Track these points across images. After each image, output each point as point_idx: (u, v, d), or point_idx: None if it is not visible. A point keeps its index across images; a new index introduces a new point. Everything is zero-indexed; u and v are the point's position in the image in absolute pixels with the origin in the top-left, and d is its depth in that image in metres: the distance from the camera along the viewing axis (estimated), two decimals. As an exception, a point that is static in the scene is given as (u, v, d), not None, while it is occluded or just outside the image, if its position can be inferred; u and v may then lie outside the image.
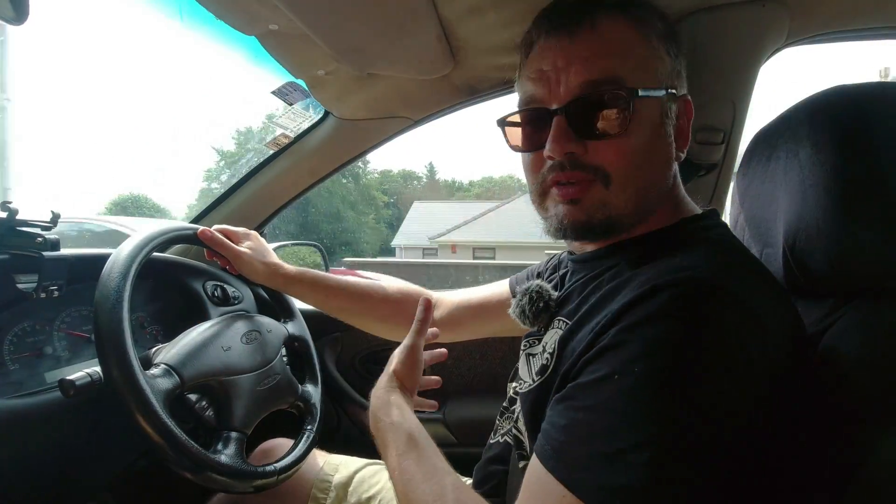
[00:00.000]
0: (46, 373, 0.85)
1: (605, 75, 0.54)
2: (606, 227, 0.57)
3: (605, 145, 0.55)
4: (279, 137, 1.27)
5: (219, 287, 1.15)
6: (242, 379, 0.82)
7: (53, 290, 0.85)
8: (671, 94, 0.58)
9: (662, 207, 0.60)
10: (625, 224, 0.58)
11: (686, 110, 0.60)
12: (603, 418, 0.44)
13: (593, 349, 0.48)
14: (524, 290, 0.66)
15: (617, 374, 0.44)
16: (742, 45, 0.81)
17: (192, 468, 0.68)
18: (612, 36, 0.55)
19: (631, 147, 0.55)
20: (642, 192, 0.56)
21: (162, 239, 0.84)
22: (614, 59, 0.55)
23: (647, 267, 0.52)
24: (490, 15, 0.79)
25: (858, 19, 0.83)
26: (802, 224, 0.53)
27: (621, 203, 0.56)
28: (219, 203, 1.36)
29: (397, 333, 1.02)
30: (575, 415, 0.46)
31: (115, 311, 0.69)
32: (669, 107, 0.58)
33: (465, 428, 1.35)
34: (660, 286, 0.46)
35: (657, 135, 0.57)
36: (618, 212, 0.56)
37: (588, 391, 0.46)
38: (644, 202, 0.57)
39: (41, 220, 0.84)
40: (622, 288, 0.52)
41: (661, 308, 0.45)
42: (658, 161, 0.58)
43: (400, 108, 1.16)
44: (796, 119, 0.56)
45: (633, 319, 0.46)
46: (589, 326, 0.52)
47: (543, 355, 0.59)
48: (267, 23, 0.78)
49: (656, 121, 0.56)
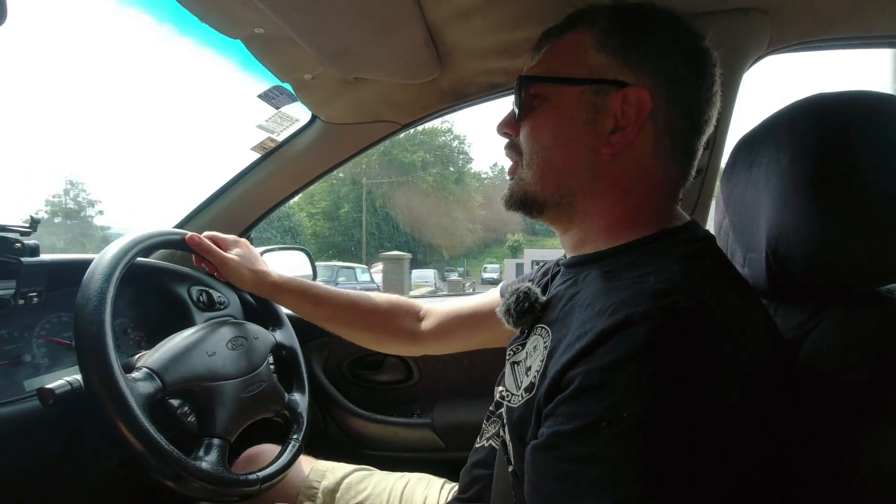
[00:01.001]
0: (25, 381, 0.83)
1: (532, 73, 0.64)
2: (525, 202, 0.65)
3: (523, 128, 0.64)
4: (265, 141, 1.26)
5: (204, 292, 1.14)
6: (227, 385, 0.81)
7: (32, 296, 0.83)
8: (602, 85, 0.58)
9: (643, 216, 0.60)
10: (546, 202, 0.63)
11: (637, 102, 0.57)
12: (598, 469, 0.42)
13: (570, 388, 0.46)
14: (513, 290, 0.67)
15: (605, 421, 0.42)
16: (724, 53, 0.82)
17: (172, 475, 0.66)
18: (557, 47, 0.64)
19: (534, 128, 0.63)
20: (549, 172, 0.62)
21: (148, 243, 0.82)
22: (546, 63, 0.64)
23: (622, 283, 0.52)
24: (477, 19, 0.79)
25: (837, 28, 0.85)
26: (783, 229, 0.54)
27: (529, 178, 0.63)
28: (204, 208, 1.34)
29: (384, 345, 1.02)
30: (566, 467, 0.44)
31: (97, 313, 0.67)
32: (594, 97, 0.59)
33: (453, 432, 1.35)
34: (635, 318, 0.44)
35: (567, 121, 0.60)
36: (531, 188, 0.63)
37: (576, 440, 0.44)
38: (556, 184, 0.62)
39: (20, 225, 0.83)
40: (595, 303, 0.51)
41: (641, 344, 0.43)
42: (568, 145, 0.61)
43: (387, 112, 1.16)
44: (777, 126, 0.57)
45: (612, 357, 0.44)
46: (563, 345, 0.52)
47: (530, 372, 0.58)
48: (252, 26, 0.78)
49: (569, 109, 0.60)
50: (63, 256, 0.93)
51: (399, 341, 1.00)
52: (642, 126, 0.57)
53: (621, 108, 0.57)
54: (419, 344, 1.00)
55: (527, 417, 0.53)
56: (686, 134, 0.60)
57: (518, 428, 0.56)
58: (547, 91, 0.62)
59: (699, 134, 0.61)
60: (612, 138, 0.58)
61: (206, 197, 1.35)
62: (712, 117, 0.61)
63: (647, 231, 0.58)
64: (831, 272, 0.52)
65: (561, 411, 0.46)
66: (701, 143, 0.62)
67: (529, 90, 0.63)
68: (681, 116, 0.59)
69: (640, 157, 0.59)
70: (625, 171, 0.59)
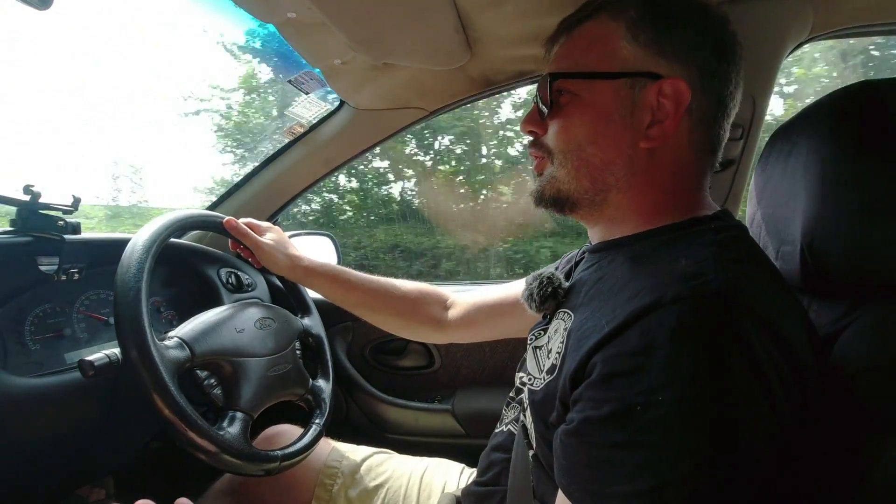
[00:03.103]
0: (66, 353, 0.87)
1: (555, 70, 0.62)
2: (557, 200, 0.63)
3: (552, 126, 0.62)
4: (294, 126, 1.27)
5: (233, 274, 1.17)
6: (252, 362, 0.83)
7: (74, 272, 0.87)
8: (637, 78, 0.56)
9: (672, 201, 0.59)
10: (575, 199, 0.62)
11: (674, 94, 0.56)
12: (634, 455, 0.42)
13: (598, 371, 0.46)
14: (536, 276, 0.68)
15: (639, 406, 0.42)
16: (764, 40, 0.80)
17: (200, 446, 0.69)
18: (581, 38, 0.61)
19: (568, 126, 0.60)
20: (584, 169, 0.60)
21: (187, 222, 0.85)
22: (572, 57, 0.62)
23: (651, 268, 0.51)
24: (507, 6, 0.79)
25: (884, 14, 0.82)
26: (821, 222, 0.52)
27: (563, 177, 0.61)
28: (234, 191, 1.38)
29: (412, 331, 1.04)
30: (599, 453, 0.44)
31: (136, 281, 0.70)
32: (631, 91, 0.57)
33: (473, 419, 1.36)
34: (666, 300, 0.44)
35: (604, 117, 0.58)
36: (563, 186, 0.62)
37: (610, 426, 0.44)
38: (591, 181, 0.60)
39: (63, 203, 0.86)
40: (624, 288, 0.51)
41: (672, 329, 0.43)
42: (604, 142, 0.59)
43: (415, 98, 1.16)
44: (818, 115, 0.55)
45: (642, 340, 0.44)
46: (589, 327, 0.51)
47: (551, 355, 0.59)
48: (286, 11, 0.78)
49: (605, 104, 0.58)
50: (103, 235, 0.96)
51: (426, 328, 1.02)
52: (680, 118, 0.56)
53: (657, 100, 0.56)
54: (445, 332, 1.01)
55: (550, 399, 0.54)
56: (718, 122, 0.59)
57: (541, 410, 0.56)
58: (578, 87, 0.59)
59: (728, 120, 0.60)
60: (651, 132, 0.57)
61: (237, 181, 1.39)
62: (738, 102, 0.61)
63: (677, 218, 0.58)
64: (870, 269, 0.50)
65: (591, 395, 0.46)
66: (728, 128, 0.61)
67: (558, 87, 0.61)
68: (714, 106, 0.58)
69: (676, 150, 0.58)
70: (662, 164, 0.58)
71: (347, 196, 4.12)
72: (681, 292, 0.44)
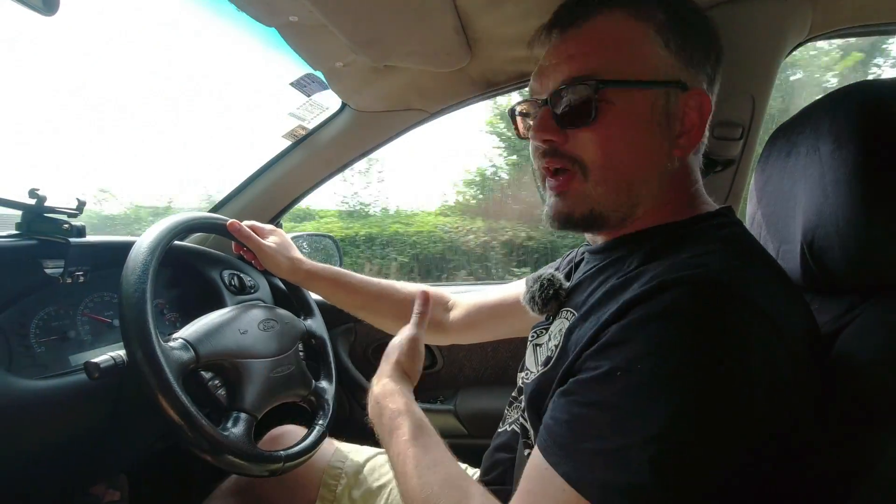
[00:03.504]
0: (71, 356, 0.88)
1: (582, 72, 0.56)
2: (589, 220, 0.59)
3: (582, 136, 0.57)
4: (296, 129, 1.28)
5: (236, 276, 1.17)
6: (256, 363, 0.83)
7: (79, 275, 0.88)
8: (668, 88, 0.56)
9: (674, 202, 0.59)
10: (609, 217, 0.59)
11: (699, 104, 0.57)
12: (606, 415, 0.44)
13: (595, 344, 0.47)
14: (536, 278, 0.68)
15: (620, 371, 0.43)
16: (763, 39, 0.80)
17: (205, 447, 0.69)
18: (600, 34, 0.57)
19: (607, 138, 0.56)
20: (624, 185, 0.57)
21: (190, 224, 0.86)
22: (596, 56, 0.56)
23: (656, 263, 0.52)
24: (507, 7, 0.79)
25: (884, 14, 0.82)
26: (822, 221, 0.52)
27: (601, 195, 0.57)
28: (236, 194, 1.38)
29: None
30: (578, 410, 0.46)
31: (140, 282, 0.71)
32: (665, 100, 0.56)
33: (475, 419, 1.36)
34: (667, 283, 0.45)
35: (641, 128, 0.56)
36: (599, 205, 0.58)
37: (591, 387, 0.46)
38: (628, 196, 0.57)
39: (68, 207, 0.87)
40: (630, 284, 0.51)
41: (668, 306, 0.44)
42: (642, 155, 0.56)
43: (416, 100, 1.16)
44: (817, 114, 0.55)
45: (637, 315, 0.45)
46: (593, 319, 0.52)
47: (549, 345, 0.60)
48: (287, 14, 0.79)
49: (642, 114, 0.55)
50: (107, 238, 0.97)
51: (428, 330, 1.02)
52: (704, 128, 0.57)
53: (683, 110, 0.56)
54: (447, 334, 1.01)
55: (543, 389, 0.54)
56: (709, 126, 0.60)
57: (534, 401, 0.57)
58: (613, 95, 0.55)
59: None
60: (681, 141, 0.57)
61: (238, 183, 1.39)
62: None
63: (680, 216, 0.58)
64: (872, 267, 0.50)
65: (585, 365, 0.48)
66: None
67: (584, 94, 0.55)
68: (714, 111, 0.59)
69: (694, 155, 0.60)
70: (685, 169, 0.60)
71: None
72: (682, 277, 0.45)
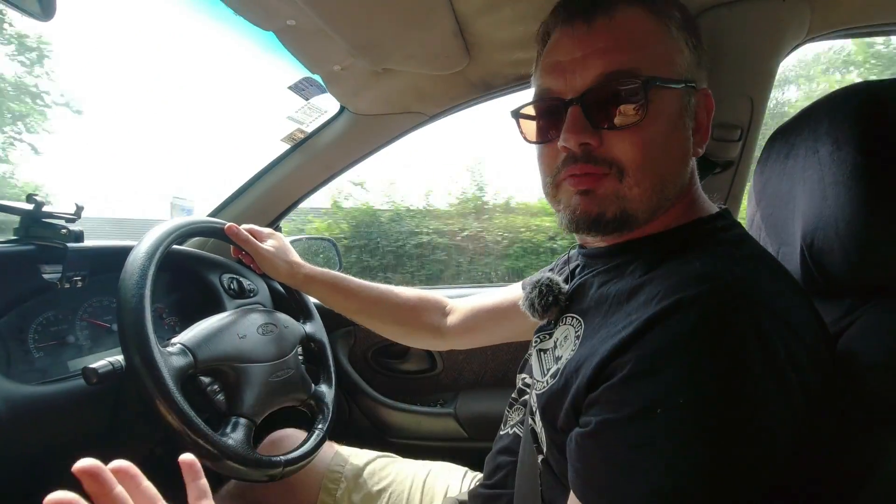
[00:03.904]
0: (69, 361, 0.88)
1: (622, 67, 0.53)
2: (620, 222, 0.56)
3: (620, 137, 0.54)
4: (294, 133, 1.28)
5: (235, 280, 1.17)
6: (255, 368, 0.83)
7: (77, 280, 0.88)
8: (690, 87, 0.56)
9: (678, 204, 0.59)
10: (639, 219, 0.56)
11: (706, 104, 0.58)
12: (653, 455, 0.42)
13: (616, 376, 0.45)
14: (534, 283, 0.66)
15: (659, 408, 0.41)
16: (761, 41, 0.80)
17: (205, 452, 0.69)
18: (629, 26, 0.54)
19: (646, 139, 0.53)
20: (658, 186, 0.55)
21: (188, 229, 0.86)
22: (632, 50, 0.53)
23: (664, 271, 0.51)
24: (505, 10, 0.79)
25: (882, 14, 0.82)
26: (821, 223, 0.52)
27: (636, 197, 0.54)
28: (235, 198, 1.38)
29: (411, 339, 1.04)
30: (618, 454, 0.44)
31: (138, 288, 0.70)
32: (688, 100, 0.56)
33: (475, 422, 1.36)
34: (685, 301, 0.44)
35: (674, 128, 0.55)
36: (632, 206, 0.55)
37: (628, 428, 0.43)
38: (660, 197, 0.55)
39: (66, 212, 0.87)
40: (638, 293, 0.50)
41: (693, 329, 0.42)
42: (675, 155, 0.56)
43: (415, 103, 1.16)
44: (816, 116, 0.55)
45: (662, 340, 0.44)
46: (604, 334, 0.51)
47: (555, 354, 0.59)
48: (285, 18, 0.79)
49: (674, 113, 0.55)
50: (105, 242, 0.97)
51: (426, 336, 1.02)
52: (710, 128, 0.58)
53: (696, 109, 0.57)
54: (445, 339, 1.01)
55: (557, 403, 0.54)
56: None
57: (548, 413, 0.56)
58: (651, 94, 0.53)
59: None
60: (696, 139, 0.58)
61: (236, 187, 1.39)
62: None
63: (683, 219, 0.58)
64: (872, 269, 0.50)
65: (609, 398, 0.46)
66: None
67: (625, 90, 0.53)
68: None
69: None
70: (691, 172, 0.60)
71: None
72: (700, 292, 0.44)
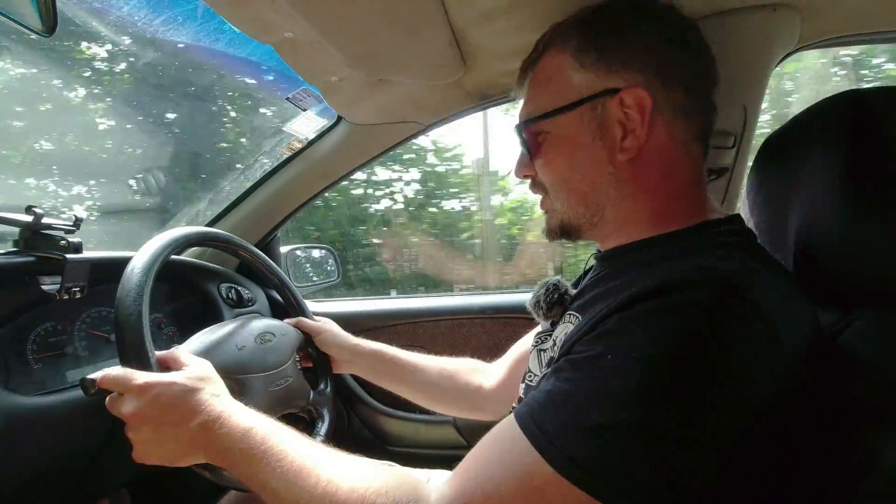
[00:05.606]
0: (68, 372, 0.88)
1: (529, 115, 0.65)
2: (562, 231, 0.66)
3: (539, 165, 0.65)
4: (292, 142, 1.29)
5: (233, 289, 1.17)
6: (254, 378, 0.83)
7: (76, 291, 0.88)
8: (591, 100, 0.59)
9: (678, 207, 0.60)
10: (581, 225, 0.64)
11: (636, 101, 0.57)
12: (587, 391, 0.45)
13: (592, 332, 0.49)
14: (542, 283, 0.70)
15: (611, 355, 0.44)
16: (753, 50, 0.81)
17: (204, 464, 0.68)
18: (538, 77, 0.65)
19: (553, 163, 0.64)
20: (579, 198, 0.63)
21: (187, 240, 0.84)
22: (534, 98, 0.66)
23: (662, 265, 0.52)
24: (501, 21, 0.80)
25: (873, 23, 0.83)
26: (814, 229, 0.53)
27: (563, 210, 0.65)
28: (232, 207, 1.38)
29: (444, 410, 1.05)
30: (560, 384, 0.47)
31: (136, 303, 0.70)
32: (594, 113, 0.59)
33: (475, 431, 1.35)
34: (672, 283, 0.45)
35: (577, 146, 0.61)
36: (565, 217, 0.65)
37: (579, 365, 0.47)
38: (586, 205, 0.63)
39: (65, 223, 0.87)
40: (633, 283, 0.51)
41: (672, 305, 0.44)
42: (586, 169, 0.61)
43: (411, 113, 1.17)
44: (809, 122, 0.56)
45: (639, 310, 0.46)
46: (592, 311, 0.53)
47: (553, 349, 0.60)
48: (282, 31, 0.80)
49: (574, 135, 0.61)
50: (104, 253, 0.97)
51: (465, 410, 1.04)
52: (651, 122, 0.57)
53: (623, 112, 0.58)
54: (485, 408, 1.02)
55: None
56: (696, 109, 0.60)
57: None
58: (548, 126, 0.63)
59: (709, 102, 0.62)
60: (625, 143, 0.58)
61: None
62: (717, 81, 0.62)
63: (686, 223, 0.58)
64: (864, 275, 0.50)
65: (579, 348, 0.49)
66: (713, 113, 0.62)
67: (530, 131, 0.65)
68: (684, 96, 0.59)
69: (660, 151, 0.59)
70: (648, 168, 0.59)
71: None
72: (687, 279, 0.46)
